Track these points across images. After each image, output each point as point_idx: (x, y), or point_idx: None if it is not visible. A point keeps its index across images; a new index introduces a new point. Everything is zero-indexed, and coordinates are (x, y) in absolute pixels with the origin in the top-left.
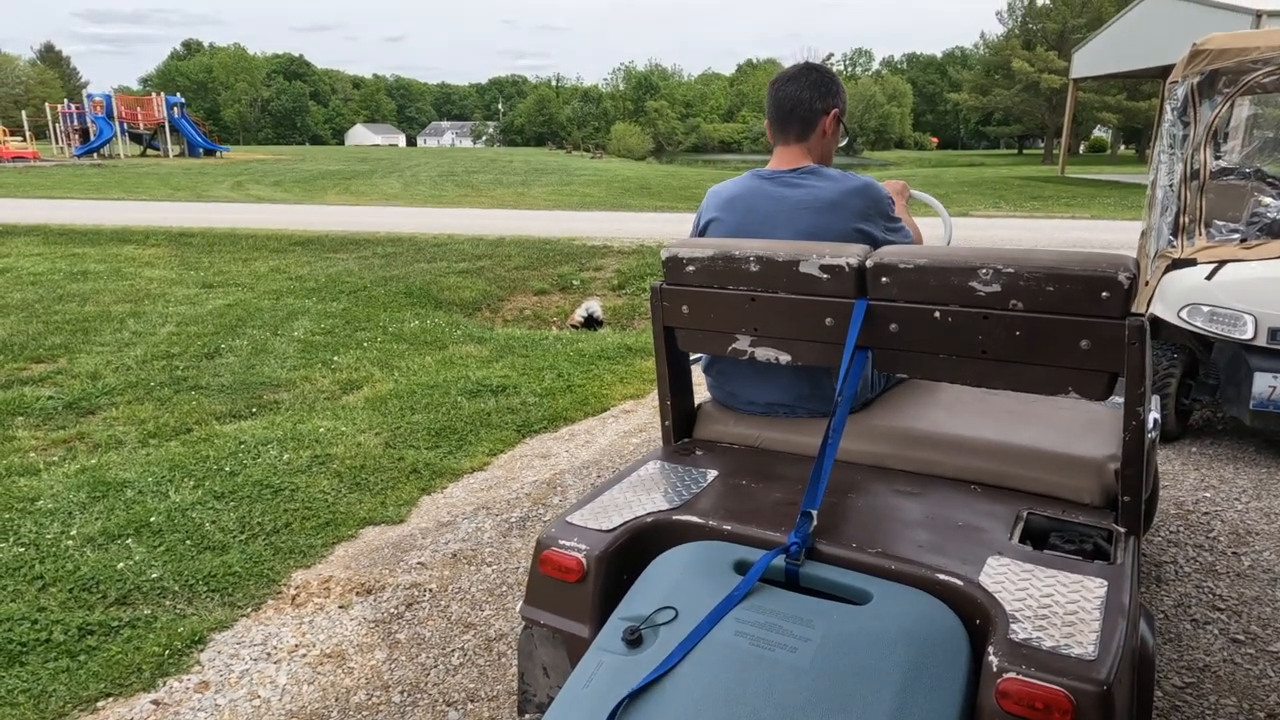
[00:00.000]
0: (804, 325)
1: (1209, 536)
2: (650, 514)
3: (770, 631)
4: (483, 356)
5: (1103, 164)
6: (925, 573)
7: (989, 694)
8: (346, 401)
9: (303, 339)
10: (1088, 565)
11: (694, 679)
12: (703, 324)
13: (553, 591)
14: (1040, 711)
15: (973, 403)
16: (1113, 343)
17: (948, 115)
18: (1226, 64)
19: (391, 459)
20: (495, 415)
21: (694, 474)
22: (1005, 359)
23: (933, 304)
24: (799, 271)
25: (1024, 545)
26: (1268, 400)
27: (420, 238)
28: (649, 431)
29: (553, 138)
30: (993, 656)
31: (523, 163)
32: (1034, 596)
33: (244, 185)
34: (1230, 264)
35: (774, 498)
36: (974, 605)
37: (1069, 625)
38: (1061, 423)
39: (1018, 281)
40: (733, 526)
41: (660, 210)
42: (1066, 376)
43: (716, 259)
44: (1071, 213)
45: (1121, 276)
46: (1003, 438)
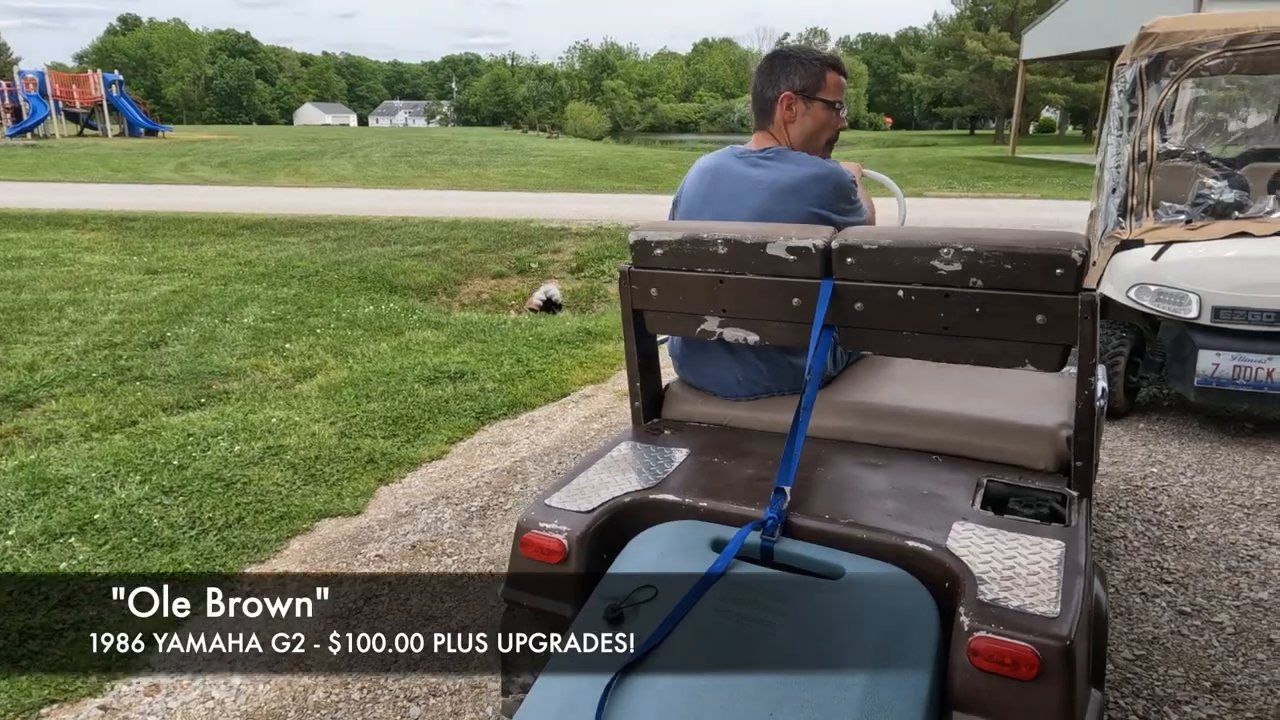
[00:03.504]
0: (772, 306)
1: (1156, 511)
2: (627, 494)
3: (748, 607)
4: (440, 342)
5: (1051, 144)
6: (896, 541)
7: (961, 652)
8: (300, 390)
9: (253, 326)
10: (1045, 528)
11: (676, 654)
12: (671, 306)
13: (534, 573)
14: (1009, 666)
15: (929, 377)
16: (1066, 317)
17: (901, 96)
18: (1173, 47)
19: (347, 449)
20: (453, 402)
21: (666, 453)
22: (966, 335)
23: (896, 283)
24: (766, 254)
25: (985, 511)
26: (1211, 377)
27: (374, 220)
28: (610, 416)
29: (508, 117)
30: (963, 617)
31: (478, 143)
32: (998, 559)
33: (188, 167)
34: (1176, 244)
35: (746, 474)
36: (942, 570)
37: (1031, 585)
38: (1014, 394)
39: (977, 260)
40: (709, 504)
41: (618, 191)
42: (1023, 350)
43: (685, 242)
44: (1023, 192)
45: (1075, 254)
46: (961, 409)
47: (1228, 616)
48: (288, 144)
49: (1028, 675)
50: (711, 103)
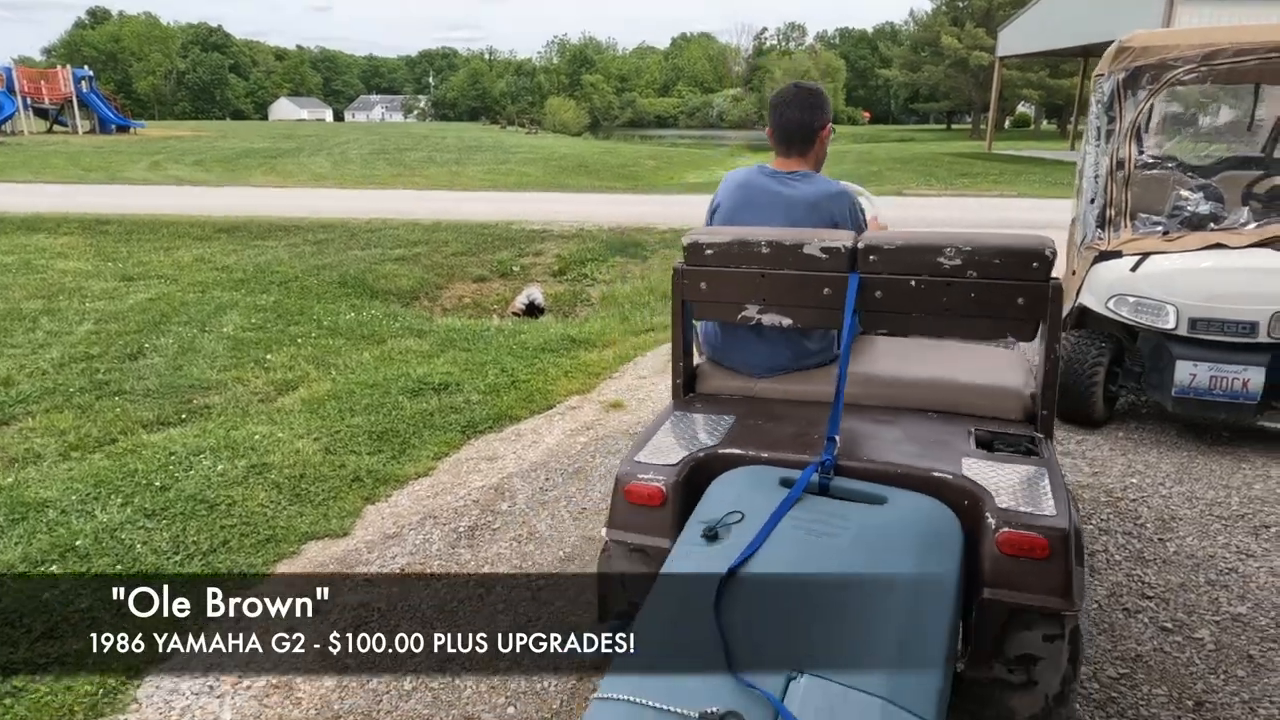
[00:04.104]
0: (805, 295)
1: (1136, 523)
2: (701, 450)
3: (817, 524)
4: (423, 351)
5: (1027, 139)
6: (923, 473)
7: (990, 544)
8: (282, 404)
9: (233, 336)
10: (1027, 460)
11: (767, 558)
12: (719, 297)
13: (636, 515)
14: (1027, 550)
15: (913, 352)
16: (1040, 299)
17: (879, 91)
18: (1149, 61)
19: (332, 466)
20: (438, 415)
21: (715, 420)
22: (963, 315)
23: (909, 275)
24: (803, 253)
25: (981, 450)
26: (1188, 387)
27: (353, 223)
28: (597, 429)
29: (487, 113)
30: (990, 520)
31: (456, 139)
32: (1003, 481)
33: (162, 165)
34: (1154, 255)
35: (788, 431)
36: (963, 492)
37: (1032, 497)
38: (983, 364)
39: (974, 257)
40: (769, 454)
41: (599, 191)
42: (1007, 325)
43: (734, 243)
44: (1000, 190)
45: (1048, 251)
46: (945, 376)
47: (1208, 632)
48: (263, 140)
49: (1041, 556)
50: (690, 97)
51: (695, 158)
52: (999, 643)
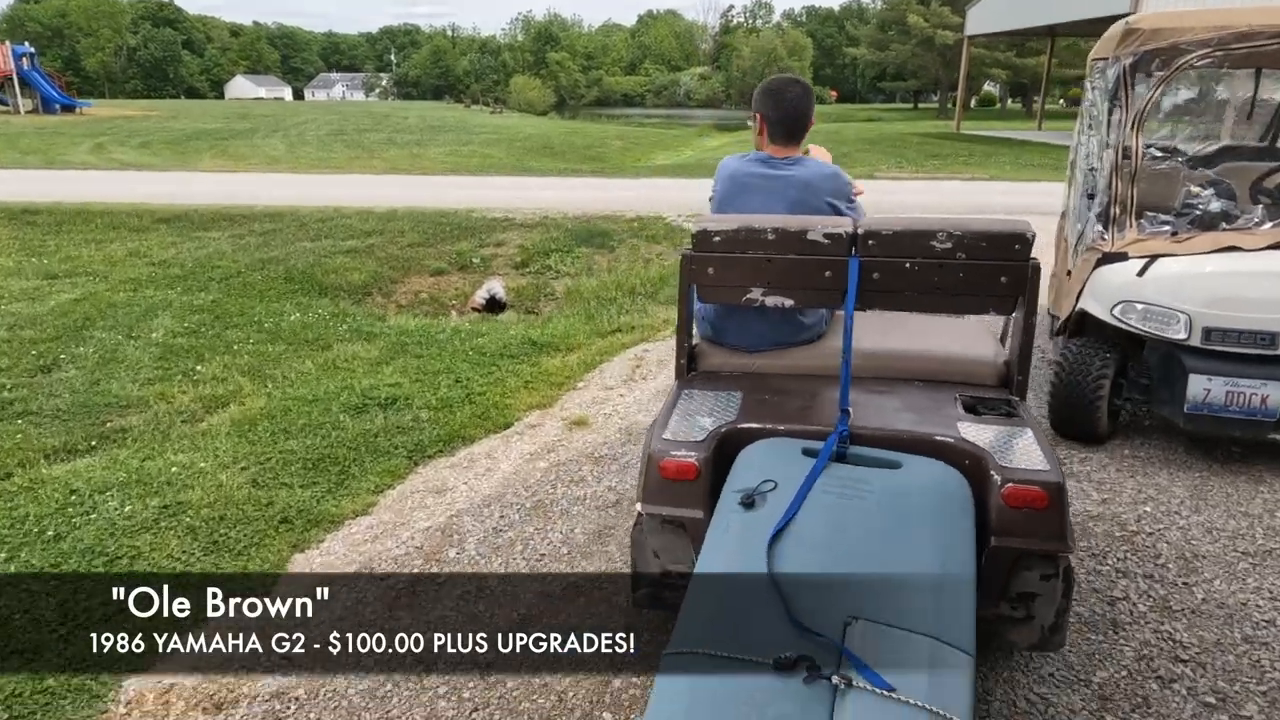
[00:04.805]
0: (807, 278)
1: (1157, 564)
2: (724, 425)
3: (844, 488)
4: (371, 358)
5: (993, 119)
6: (927, 437)
7: (997, 498)
8: (209, 425)
9: (162, 342)
10: (1012, 421)
11: (808, 518)
12: (725, 281)
13: (670, 489)
14: (1029, 502)
15: (896, 326)
16: (1020, 277)
17: (845, 69)
18: (1160, 45)
19: (258, 504)
20: (383, 437)
21: (726, 395)
22: (951, 293)
23: (905, 258)
24: (807, 239)
25: (969, 414)
26: (1201, 403)
27: (303, 211)
28: (558, 452)
29: (450, 91)
30: (995, 476)
31: (418, 119)
32: (997, 441)
33: (106, 148)
34: (1162, 258)
35: (796, 404)
36: (964, 453)
37: (1026, 453)
38: (957, 334)
39: (963, 241)
40: (786, 426)
41: (564, 175)
42: (989, 301)
43: (740, 230)
44: (971, 172)
45: (1028, 234)
46: (927, 349)
47: (1256, 707)
48: (216, 121)
49: (1041, 506)
50: (657, 76)
51: (663, 138)
52: (1003, 585)
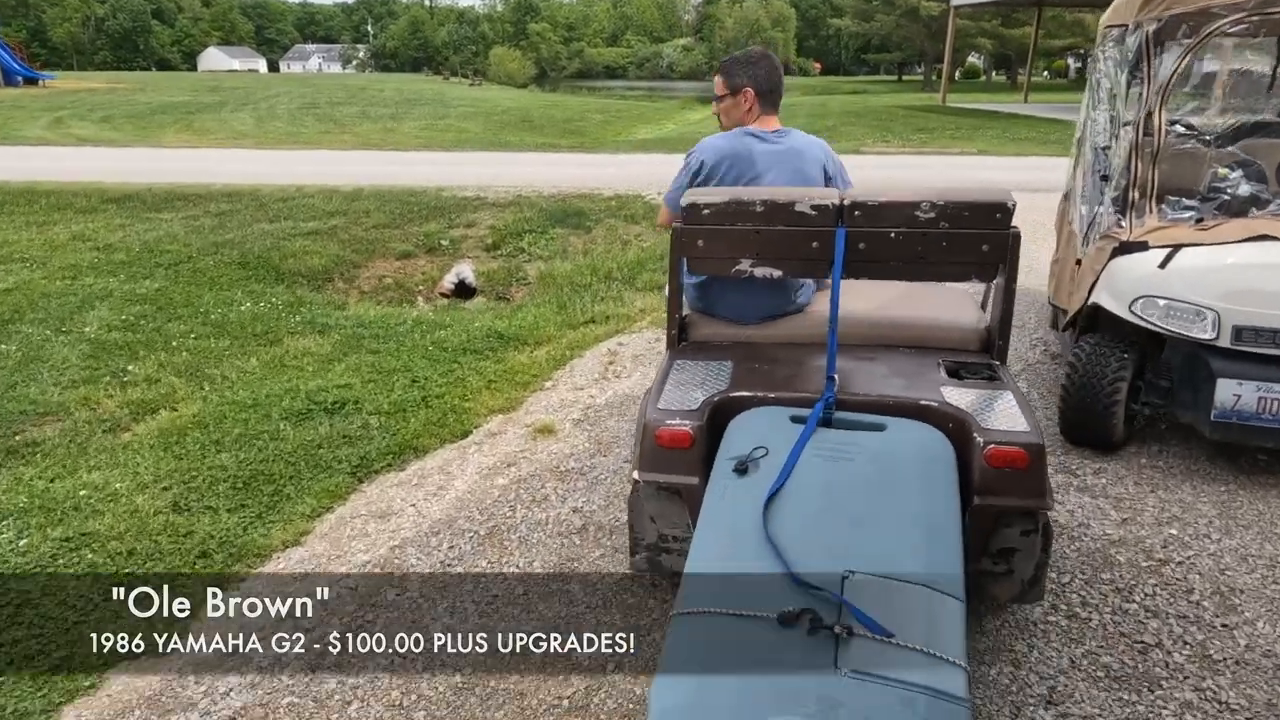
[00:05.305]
0: (795, 248)
1: (1190, 600)
2: (715, 395)
3: (833, 451)
4: (323, 354)
5: (978, 91)
6: (912, 402)
7: (979, 458)
8: (133, 436)
9: (94, 338)
10: (993, 384)
11: (800, 481)
12: (714, 253)
13: (666, 457)
14: (1010, 462)
15: (878, 294)
16: (1001, 245)
17: (830, 41)
18: (1188, 9)
19: (176, 534)
20: (326, 448)
21: (717, 365)
22: (934, 261)
23: (890, 228)
24: (794, 210)
25: (952, 379)
26: (1230, 410)
27: (264, 191)
28: (520, 466)
29: (429, 63)
30: (978, 438)
31: (395, 91)
32: (979, 404)
33: (64, 122)
34: (1186, 248)
35: (784, 372)
36: (947, 416)
37: (1007, 415)
38: (939, 301)
39: (946, 210)
40: (775, 394)
41: (542, 150)
42: (971, 269)
43: (730, 203)
44: (959, 147)
45: (1009, 203)
46: (911, 314)
47: None
48: (185, 94)
49: (1021, 466)
50: (640, 47)
51: (645, 111)
52: (985, 541)
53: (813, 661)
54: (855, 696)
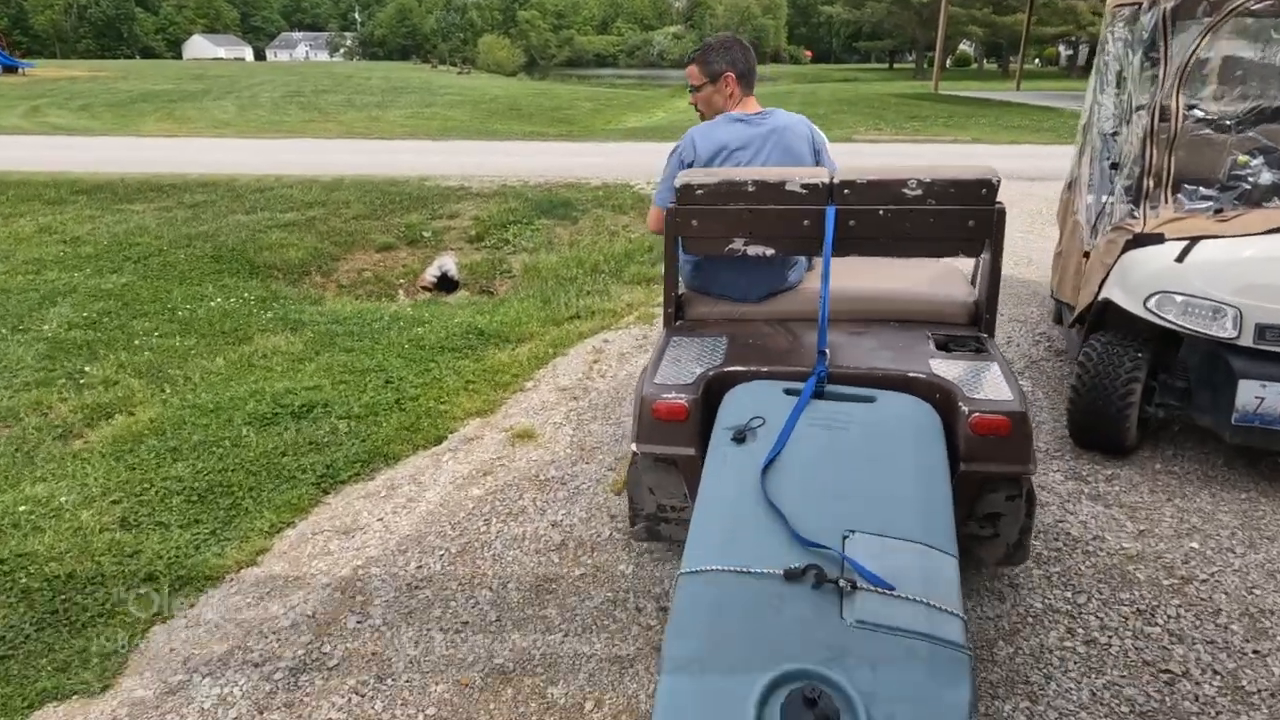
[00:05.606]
0: (786, 227)
1: (1218, 624)
2: (710, 369)
3: (827, 420)
4: (294, 353)
5: (970, 79)
6: (901, 374)
7: (965, 426)
8: (85, 444)
9: (52, 336)
10: (980, 356)
11: (797, 449)
12: (708, 232)
13: (663, 429)
14: (994, 430)
15: (867, 271)
16: (986, 220)
17: (820, 29)
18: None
19: (120, 555)
20: (291, 455)
21: (712, 341)
22: (922, 237)
23: (879, 205)
24: (785, 189)
25: (940, 351)
26: (1254, 414)
27: (240, 181)
28: (496, 475)
29: (417, 51)
30: (964, 407)
31: (381, 80)
32: (966, 375)
33: (41, 110)
34: (1204, 240)
35: (778, 347)
36: (934, 387)
37: (993, 385)
38: (927, 276)
39: (933, 188)
40: (769, 368)
41: (530, 138)
42: (958, 244)
43: (722, 184)
44: (953, 135)
45: (994, 180)
46: (900, 289)
47: None
48: (168, 82)
49: (1005, 433)
50: (630, 35)
51: (635, 99)
52: (971, 506)
53: (819, 614)
54: (861, 645)
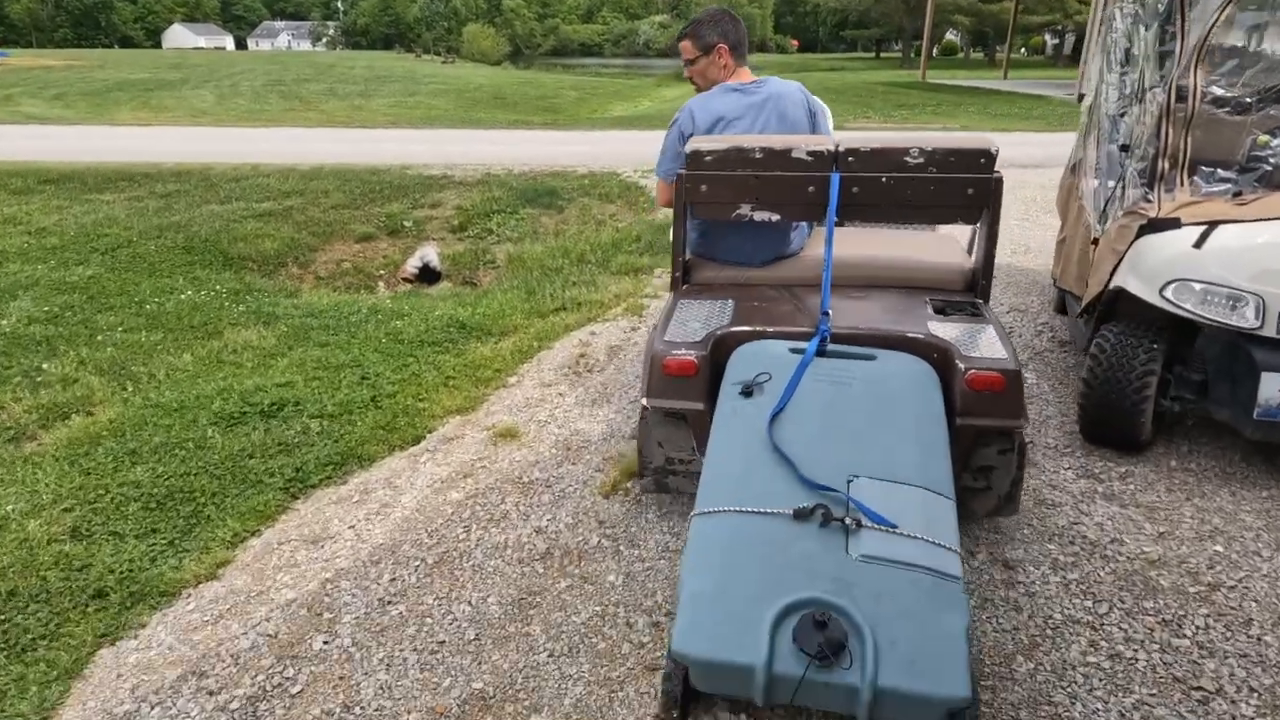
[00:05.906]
0: (792, 193)
1: (1250, 635)
2: (718, 329)
3: (830, 376)
4: (266, 348)
5: (956, 68)
6: (901, 334)
7: (961, 383)
8: (38, 447)
9: (10, 332)
10: (975, 319)
11: (802, 402)
12: (716, 198)
13: (672, 384)
14: (988, 386)
15: (867, 238)
16: (984, 189)
17: (807, 17)
18: None
19: (68, 568)
20: (258, 458)
21: (719, 304)
22: (923, 205)
23: (881, 173)
24: (791, 156)
25: (938, 315)
26: (1277, 408)
27: (215, 170)
28: (477, 478)
29: (401, 40)
30: (960, 364)
31: (365, 69)
32: (962, 335)
33: (14, 100)
34: (1223, 225)
35: (782, 309)
36: (934, 347)
37: (988, 345)
38: (925, 246)
39: (934, 156)
40: (774, 329)
41: (514, 126)
42: (957, 212)
43: (730, 150)
44: (941, 122)
45: (993, 149)
46: (899, 257)
47: None
48: (145, 71)
49: (999, 389)
50: (615, 24)
51: (621, 88)
52: (966, 459)
53: (826, 549)
54: (866, 577)
